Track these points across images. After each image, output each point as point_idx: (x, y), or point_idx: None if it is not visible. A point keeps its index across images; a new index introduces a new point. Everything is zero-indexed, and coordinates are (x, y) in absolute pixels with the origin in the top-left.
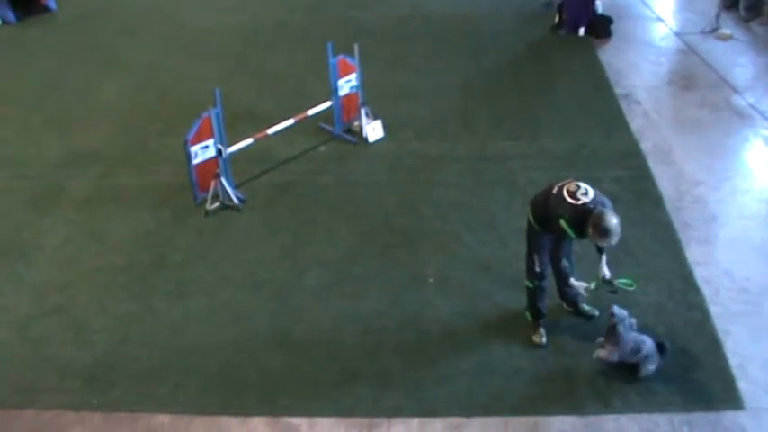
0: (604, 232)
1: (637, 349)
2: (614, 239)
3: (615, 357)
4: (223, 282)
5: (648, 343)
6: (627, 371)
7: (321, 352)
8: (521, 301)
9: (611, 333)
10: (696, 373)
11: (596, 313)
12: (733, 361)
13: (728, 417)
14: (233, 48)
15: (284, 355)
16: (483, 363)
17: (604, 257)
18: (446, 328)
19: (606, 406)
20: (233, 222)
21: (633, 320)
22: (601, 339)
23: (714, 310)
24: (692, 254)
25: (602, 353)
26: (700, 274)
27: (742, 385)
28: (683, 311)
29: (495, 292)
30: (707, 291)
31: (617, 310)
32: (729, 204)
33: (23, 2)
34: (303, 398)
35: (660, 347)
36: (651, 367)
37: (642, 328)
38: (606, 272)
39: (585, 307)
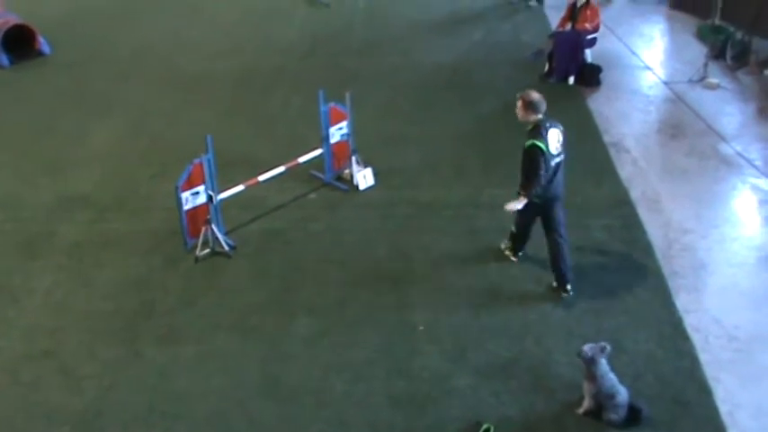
0: (530, 104)
1: (611, 395)
2: (543, 106)
3: (594, 391)
4: (212, 328)
5: (623, 395)
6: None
7: (310, 400)
8: (512, 348)
9: (588, 373)
10: (686, 421)
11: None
12: (723, 409)
13: None
14: (227, 93)
15: (273, 402)
16: (473, 410)
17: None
18: (436, 376)
19: None
20: (223, 269)
21: (605, 344)
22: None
23: (704, 357)
24: (682, 302)
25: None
26: (689, 321)
27: None
28: (672, 359)
29: (486, 340)
30: (696, 339)
31: (586, 348)
32: (718, 252)
33: (17, 46)
34: None
35: (633, 412)
36: (614, 417)
37: (632, 377)
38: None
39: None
